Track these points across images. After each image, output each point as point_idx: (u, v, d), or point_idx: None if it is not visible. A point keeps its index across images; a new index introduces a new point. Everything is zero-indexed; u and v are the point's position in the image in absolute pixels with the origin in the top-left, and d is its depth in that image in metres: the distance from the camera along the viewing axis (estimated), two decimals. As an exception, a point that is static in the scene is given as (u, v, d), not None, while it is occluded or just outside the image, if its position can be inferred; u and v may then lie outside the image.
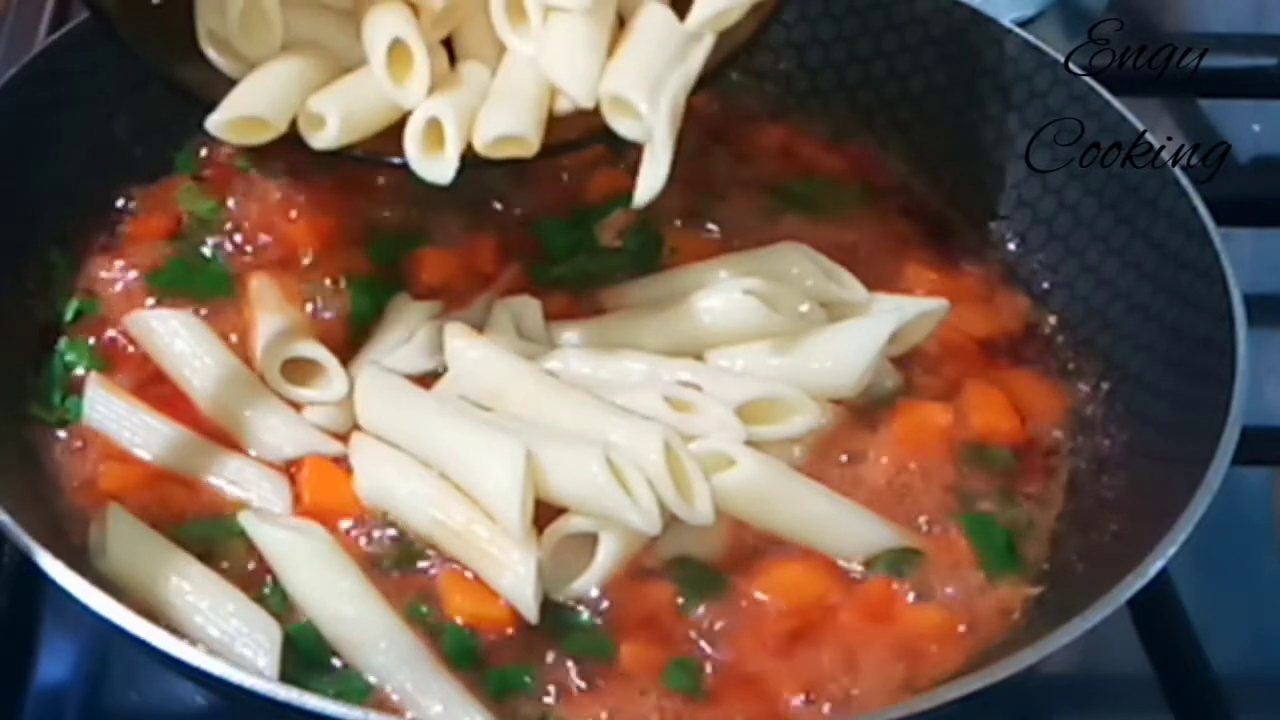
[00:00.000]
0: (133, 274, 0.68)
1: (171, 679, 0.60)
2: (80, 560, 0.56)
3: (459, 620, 0.56)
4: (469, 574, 0.57)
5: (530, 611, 0.55)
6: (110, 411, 0.62)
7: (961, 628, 0.58)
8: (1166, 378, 0.63)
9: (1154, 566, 0.52)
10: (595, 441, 0.57)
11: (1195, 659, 0.61)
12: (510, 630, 0.56)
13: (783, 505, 0.59)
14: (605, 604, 0.57)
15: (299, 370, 0.64)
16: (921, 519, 0.61)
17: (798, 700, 0.55)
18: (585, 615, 0.57)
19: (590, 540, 0.57)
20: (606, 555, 0.57)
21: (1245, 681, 0.63)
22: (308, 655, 0.55)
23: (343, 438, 0.62)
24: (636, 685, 0.55)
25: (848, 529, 0.60)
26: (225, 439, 0.62)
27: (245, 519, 0.58)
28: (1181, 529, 0.53)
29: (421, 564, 0.58)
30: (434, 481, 0.58)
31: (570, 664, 0.55)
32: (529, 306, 0.66)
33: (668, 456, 0.56)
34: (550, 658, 0.55)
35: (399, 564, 0.58)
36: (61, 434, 0.62)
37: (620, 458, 0.56)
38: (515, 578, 0.55)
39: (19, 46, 0.85)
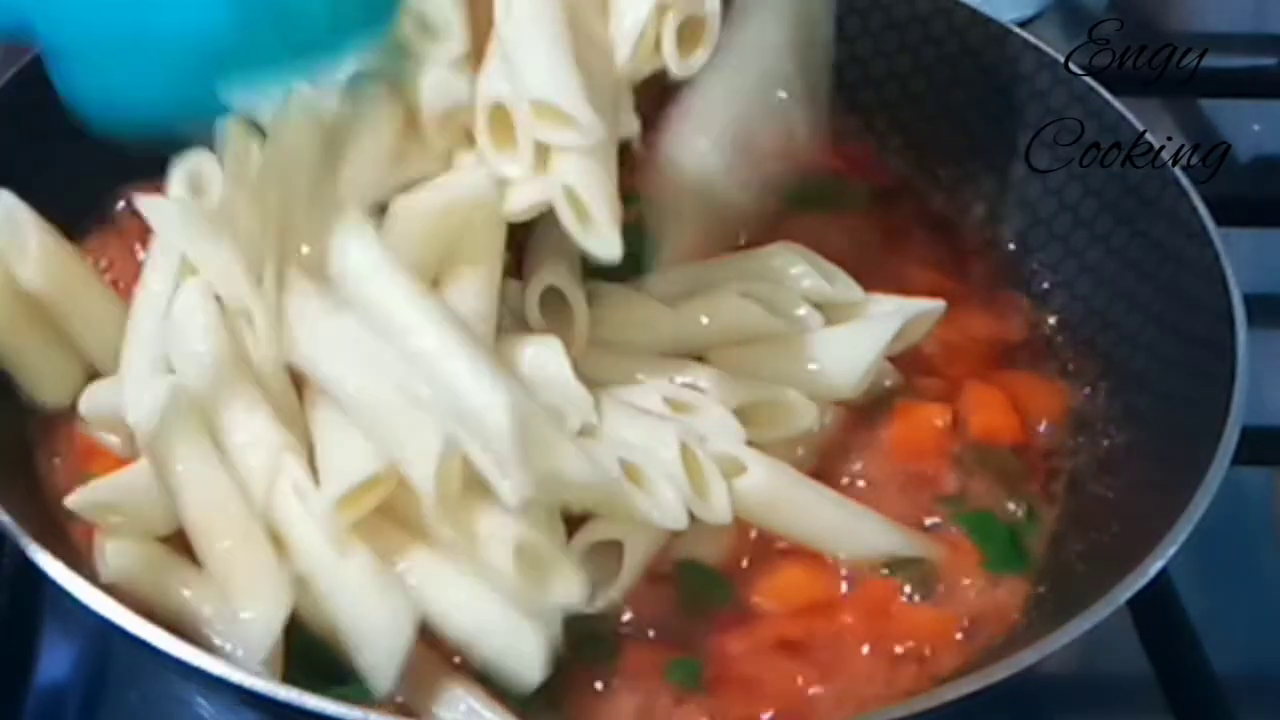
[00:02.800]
0: (132, 273, 0.68)
1: (171, 679, 0.60)
2: (80, 560, 0.56)
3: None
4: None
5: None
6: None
7: (961, 628, 0.58)
8: (1166, 378, 0.63)
9: (1154, 566, 0.52)
10: (607, 440, 0.57)
11: (1195, 659, 0.60)
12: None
13: (793, 511, 0.59)
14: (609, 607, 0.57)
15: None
16: (923, 519, 0.61)
17: (798, 700, 0.55)
18: (589, 618, 0.56)
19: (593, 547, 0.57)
20: (633, 559, 0.57)
21: (1245, 681, 0.63)
22: (310, 657, 0.55)
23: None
24: (640, 686, 0.55)
25: (857, 535, 0.59)
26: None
27: None
28: (1181, 529, 0.53)
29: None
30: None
31: (577, 665, 0.55)
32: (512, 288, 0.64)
33: (684, 455, 0.57)
34: (556, 661, 0.55)
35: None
36: (62, 433, 0.62)
37: (636, 457, 0.56)
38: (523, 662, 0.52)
39: (19, 46, 0.85)
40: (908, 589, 0.58)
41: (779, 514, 0.59)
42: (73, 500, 0.57)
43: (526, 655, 0.51)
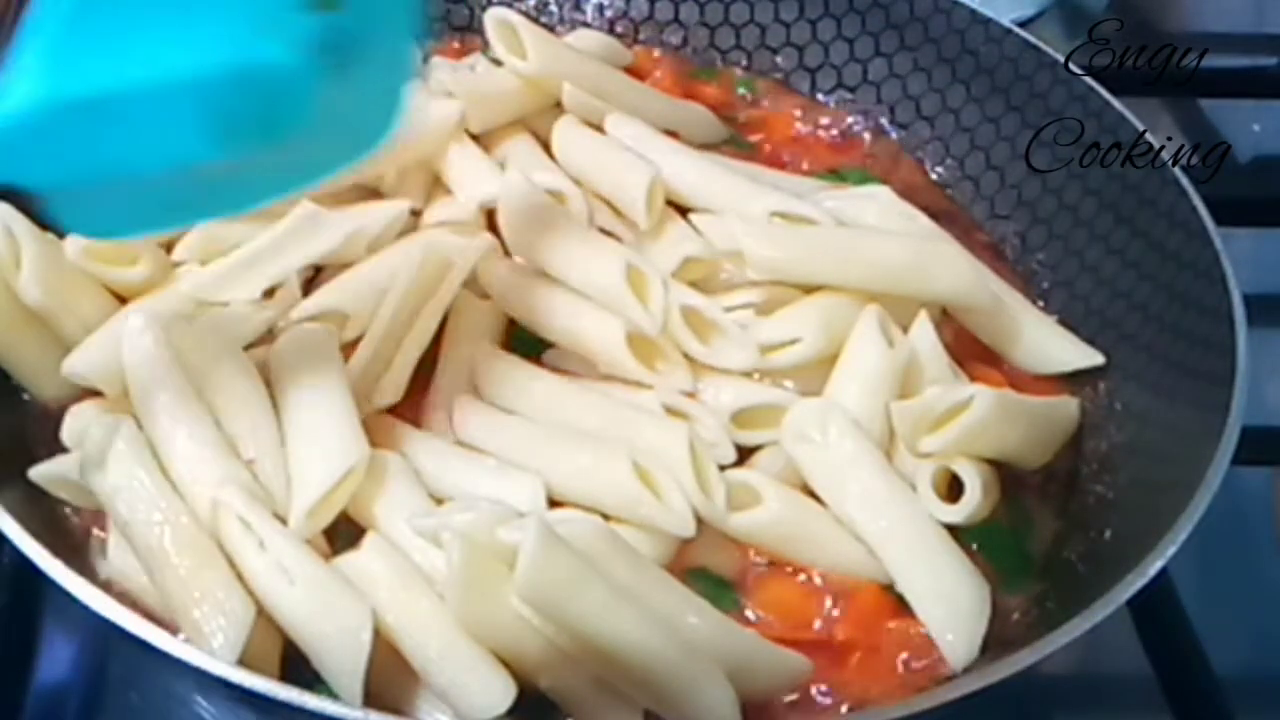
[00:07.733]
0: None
1: (171, 679, 0.60)
2: (80, 560, 0.56)
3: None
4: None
5: None
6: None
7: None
8: (1166, 378, 0.63)
9: (1154, 566, 0.52)
10: (620, 441, 0.57)
11: (1195, 659, 0.60)
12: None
13: (805, 543, 0.59)
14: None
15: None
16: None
17: (800, 700, 0.55)
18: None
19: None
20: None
21: (1245, 681, 0.63)
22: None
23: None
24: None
25: (869, 568, 0.59)
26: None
27: None
28: (1181, 529, 0.53)
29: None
30: None
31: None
32: None
33: (691, 455, 0.57)
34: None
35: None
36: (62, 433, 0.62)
37: (647, 461, 0.56)
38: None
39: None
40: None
41: (790, 545, 0.59)
42: (36, 472, 0.57)
43: (491, 695, 0.50)
